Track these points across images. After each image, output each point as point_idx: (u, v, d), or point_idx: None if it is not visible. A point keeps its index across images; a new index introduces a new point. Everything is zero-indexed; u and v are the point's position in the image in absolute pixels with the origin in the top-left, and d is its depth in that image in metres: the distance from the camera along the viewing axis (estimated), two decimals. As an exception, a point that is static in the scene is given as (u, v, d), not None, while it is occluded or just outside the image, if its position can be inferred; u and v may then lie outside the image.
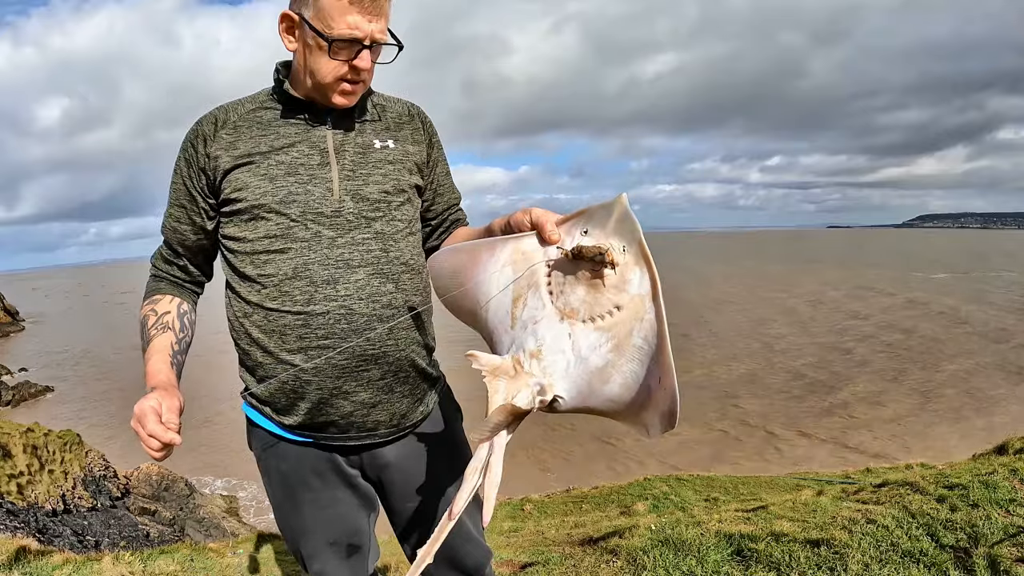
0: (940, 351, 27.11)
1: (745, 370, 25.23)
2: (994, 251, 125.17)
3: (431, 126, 1.22)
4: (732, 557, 2.27)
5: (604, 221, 0.83)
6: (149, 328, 1.08)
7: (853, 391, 21.79)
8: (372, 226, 1.07)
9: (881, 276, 64.95)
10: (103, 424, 22.39)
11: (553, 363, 0.86)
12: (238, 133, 1.06)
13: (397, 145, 1.13)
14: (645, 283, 0.80)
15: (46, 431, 9.99)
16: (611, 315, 0.83)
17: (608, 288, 0.83)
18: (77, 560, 2.68)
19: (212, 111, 1.10)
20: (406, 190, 1.12)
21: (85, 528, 8.39)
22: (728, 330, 34.38)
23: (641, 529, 2.67)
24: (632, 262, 0.81)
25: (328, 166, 1.06)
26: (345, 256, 1.04)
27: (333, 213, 1.04)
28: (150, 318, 1.09)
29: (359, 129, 1.11)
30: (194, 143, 1.07)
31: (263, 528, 12.10)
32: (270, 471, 1.16)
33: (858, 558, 2.09)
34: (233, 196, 1.04)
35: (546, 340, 0.87)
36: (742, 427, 18.84)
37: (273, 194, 1.03)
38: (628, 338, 0.81)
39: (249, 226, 1.05)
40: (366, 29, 0.97)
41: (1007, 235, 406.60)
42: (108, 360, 36.67)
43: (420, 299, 1.13)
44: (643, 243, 0.80)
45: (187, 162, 1.08)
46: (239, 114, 1.08)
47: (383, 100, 1.18)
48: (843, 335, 31.66)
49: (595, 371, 0.84)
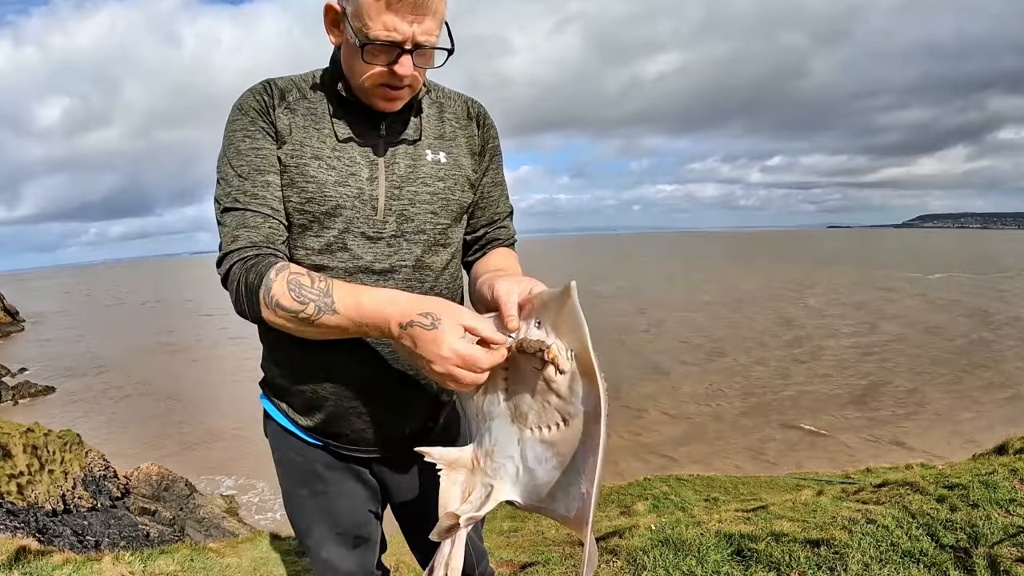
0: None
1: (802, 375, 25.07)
2: (994, 251, 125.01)
3: (490, 129, 1.12)
4: (732, 557, 2.27)
5: (552, 314, 0.74)
6: (312, 285, 0.85)
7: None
8: (413, 252, 1.01)
9: (894, 275, 64.97)
10: (103, 424, 22.39)
11: (503, 467, 0.82)
12: (293, 117, 0.97)
13: (450, 159, 1.05)
14: (590, 400, 0.70)
15: (46, 431, 9.99)
16: (557, 428, 0.75)
17: (554, 394, 0.74)
18: (77, 560, 2.68)
19: (263, 83, 0.99)
20: (454, 210, 1.05)
21: (85, 528, 8.40)
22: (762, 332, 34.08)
23: (641, 529, 2.67)
24: (579, 371, 0.71)
25: (376, 180, 0.98)
26: (380, 285, 0.98)
27: (375, 234, 0.98)
28: (301, 279, 0.86)
29: (414, 136, 1.02)
30: (263, 112, 0.96)
31: (263, 528, 12.10)
32: (283, 462, 1.17)
33: (858, 558, 2.09)
34: (286, 189, 0.96)
35: (498, 441, 0.82)
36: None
37: (320, 203, 0.95)
38: (572, 458, 0.73)
39: (293, 230, 0.98)
40: (406, 31, 0.86)
41: (1008, 235, 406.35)
42: (108, 360, 36.67)
43: None
44: (588, 350, 0.69)
45: (263, 132, 0.95)
46: (294, 96, 0.99)
47: (442, 96, 1.09)
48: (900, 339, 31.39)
49: (542, 485, 0.78)
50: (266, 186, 0.94)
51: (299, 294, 0.84)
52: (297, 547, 3.71)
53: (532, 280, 0.83)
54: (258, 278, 0.87)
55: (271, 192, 0.94)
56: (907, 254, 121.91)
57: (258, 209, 0.93)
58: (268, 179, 0.94)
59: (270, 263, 0.88)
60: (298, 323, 0.86)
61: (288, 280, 0.85)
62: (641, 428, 18.99)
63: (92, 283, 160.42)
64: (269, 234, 0.92)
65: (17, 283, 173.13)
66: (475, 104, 1.12)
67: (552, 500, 0.76)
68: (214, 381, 28.60)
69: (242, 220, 0.92)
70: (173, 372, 32.12)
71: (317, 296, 0.84)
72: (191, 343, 41.45)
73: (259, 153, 0.94)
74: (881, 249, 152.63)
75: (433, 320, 0.77)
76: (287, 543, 3.76)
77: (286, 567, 3.19)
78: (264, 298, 0.86)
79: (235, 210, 0.92)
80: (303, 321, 0.85)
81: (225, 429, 21.02)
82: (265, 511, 14.65)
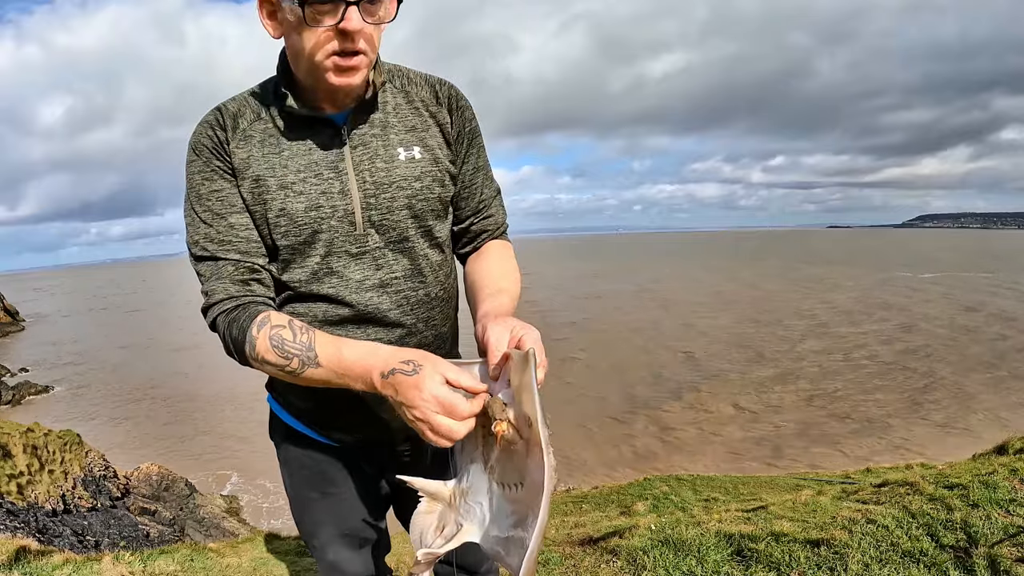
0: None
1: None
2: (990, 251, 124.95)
3: (464, 111, 1.03)
4: (732, 557, 2.27)
5: (516, 379, 0.73)
6: (294, 339, 0.84)
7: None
8: (400, 261, 0.98)
9: (917, 275, 64.83)
10: (103, 424, 22.39)
11: (473, 512, 0.83)
12: (249, 148, 0.93)
13: (426, 153, 0.98)
14: (539, 472, 0.69)
15: (46, 431, 9.99)
16: (516, 489, 0.76)
17: (516, 457, 0.75)
18: (77, 560, 2.67)
19: (213, 112, 0.95)
20: (436, 208, 1.00)
21: (85, 528, 8.39)
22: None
23: (641, 529, 2.67)
24: (531, 442, 0.71)
25: (348, 194, 0.93)
26: (375, 300, 0.97)
27: (359, 251, 0.95)
28: (283, 334, 0.85)
29: (382, 135, 0.96)
30: (215, 150, 0.92)
31: (263, 528, 12.10)
32: (289, 462, 1.16)
33: (858, 558, 2.09)
34: (260, 226, 0.94)
35: (473, 485, 0.84)
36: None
37: (296, 235, 0.92)
38: (524, 521, 0.74)
39: (272, 266, 0.96)
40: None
41: (1008, 235, 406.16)
42: (108, 360, 36.68)
43: (448, 327, 1.10)
44: (536, 424, 0.69)
45: (220, 172, 0.92)
46: (248, 119, 0.94)
47: (406, 83, 1.01)
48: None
49: (501, 537, 0.79)
50: (230, 229, 0.91)
51: (282, 350, 0.84)
52: (297, 547, 3.70)
53: (525, 327, 0.79)
54: (241, 334, 0.86)
55: (236, 234, 0.92)
56: (916, 253, 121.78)
57: (226, 256, 0.91)
58: (232, 221, 0.92)
59: (251, 315, 0.87)
60: (286, 375, 0.86)
61: (270, 336, 0.84)
62: (712, 427, 18.76)
63: (93, 283, 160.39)
64: (244, 279, 0.91)
65: (17, 283, 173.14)
66: (444, 85, 1.02)
67: (507, 553, 0.78)
68: (215, 381, 28.58)
69: (215, 270, 0.91)
70: (173, 372, 32.10)
71: (300, 351, 0.83)
72: (191, 343, 41.44)
73: (219, 196, 0.92)
74: (889, 248, 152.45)
75: (415, 367, 0.75)
76: (287, 543, 3.76)
77: (286, 567, 3.18)
78: (250, 354, 0.86)
79: (206, 259, 0.92)
80: (290, 373, 0.85)
81: (226, 429, 21.02)
82: (265, 511, 14.64)
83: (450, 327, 1.11)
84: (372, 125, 0.96)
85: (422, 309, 1.02)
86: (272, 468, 14.46)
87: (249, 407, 22.85)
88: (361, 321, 0.98)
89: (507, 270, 1.05)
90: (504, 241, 1.13)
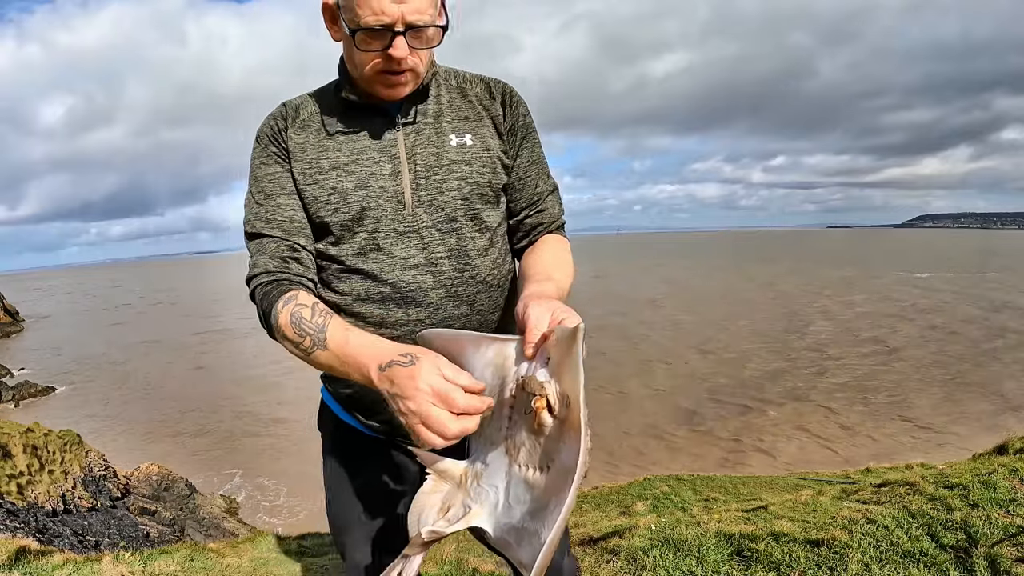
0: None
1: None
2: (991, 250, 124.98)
3: (517, 106, 1.07)
4: (732, 557, 2.27)
5: (558, 355, 0.70)
6: (311, 319, 0.88)
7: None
8: (447, 241, 1.00)
9: (935, 275, 64.72)
10: (103, 424, 22.39)
11: (485, 494, 0.79)
12: (306, 135, 1.01)
13: (476, 140, 1.02)
14: (571, 455, 0.65)
15: (46, 431, 9.99)
16: (541, 472, 0.71)
17: (544, 438, 0.71)
18: (77, 560, 2.67)
19: (279, 106, 1.04)
20: (486, 193, 1.03)
21: (85, 528, 8.40)
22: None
23: (641, 529, 2.67)
24: (568, 422, 0.67)
25: (399, 175, 0.98)
26: (418, 279, 0.99)
27: (407, 229, 0.98)
28: (303, 312, 0.88)
29: (434, 123, 1.01)
30: (274, 138, 1.01)
31: (263, 528, 12.10)
32: (333, 453, 1.17)
33: (858, 558, 2.09)
34: (311, 205, 0.99)
35: (489, 467, 0.80)
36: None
37: (345, 211, 0.97)
38: (544, 507, 0.69)
39: (322, 243, 1.01)
40: (394, 13, 0.85)
41: (1009, 235, 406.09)
42: (108, 360, 36.70)
43: (498, 316, 1.09)
44: (579, 403, 0.65)
45: (275, 157, 1.00)
46: (308, 111, 1.02)
47: (461, 80, 1.07)
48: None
49: (514, 525, 0.74)
50: (277, 209, 0.99)
51: (299, 328, 0.87)
52: (297, 547, 3.70)
53: (568, 310, 0.78)
54: (269, 307, 0.91)
55: (282, 214, 0.99)
56: (926, 252, 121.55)
57: (271, 233, 0.98)
58: (279, 202, 0.99)
59: (281, 292, 0.92)
60: (300, 353, 0.89)
61: (291, 313, 0.88)
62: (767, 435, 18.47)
63: (93, 283, 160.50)
64: (283, 257, 0.97)
65: (17, 283, 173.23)
66: (498, 83, 1.08)
67: (519, 544, 0.73)
68: (215, 381, 28.60)
69: (260, 247, 0.98)
70: (173, 372, 32.13)
71: (313, 331, 0.86)
72: (191, 343, 41.47)
73: (271, 178, 1.00)
74: (895, 248, 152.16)
75: (412, 358, 0.75)
76: (287, 543, 3.76)
77: (286, 567, 3.18)
78: (274, 327, 0.91)
79: (255, 236, 0.99)
80: (303, 352, 0.88)
81: (226, 429, 21.01)
82: (265, 511, 14.65)
83: (500, 316, 1.09)
84: (425, 114, 1.01)
85: (466, 291, 1.02)
86: (273, 467, 14.49)
87: (249, 407, 22.91)
88: (403, 300, 0.99)
89: (560, 262, 1.03)
90: (560, 236, 1.12)
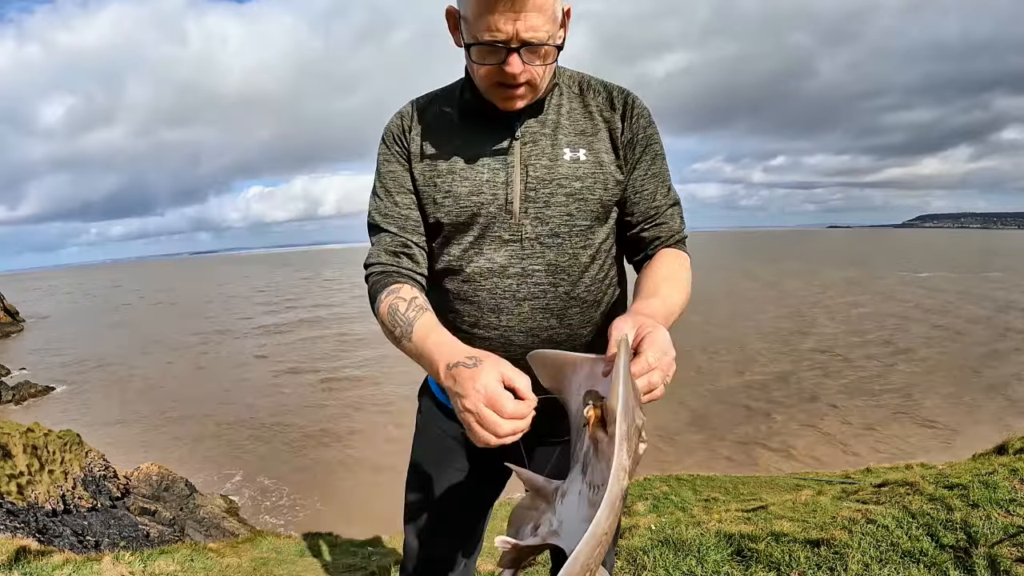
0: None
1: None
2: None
3: (638, 119, 1.05)
4: (732, 557, 2.27)
5: (611, 368, 0.67)
6: (404, 312, 0.94)
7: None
8: (545, 255, 1.01)
9: (937, 275, 64.70)
10: (103, 424, 22.38)
11: (566, 515, 0.73)
12: (430, 135, 1.04)
13: (590, 155, 1.02)
14: (608, 472, 0.60)
15: (46, 431, 9.99)
16: (598, 491, 0.65)
17: (601, 454, 0.66)
18: (77, 560, 2.67)
19: (406, 105, 1.08)
20: (595, 210, 1.02)
21: (85, 528, 8.39)
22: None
23: (641, 529, 2.67)
24: (612, 438, 0.62)
25: (511, 184, 0.99)
26: (512, 288, 1.01)
27: (511, 238, 1.00)
28: (400, 304, 0.95)
29: (551, 135, 1.01)
30: (398, 137, 1.06)
31: (263, 528, 12.10)
32: (425, 431, 1.21)
33: (858, 558, 2.09)
34: (427, 205, 1.04)
35: (570, 487, 0.74)
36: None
37: (457, 215, 1.01)
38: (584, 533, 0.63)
39: (435, 242, 1.06)
40: (508, 30, 0.84)
41: (1009, 235, 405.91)
42: (108, 360, 36.67)
43: (589, 331, 1.08)
44: (615, 415, 0.61)
45: (397, 156, 1.06)
46: (434, 112, 1.06)
47: (585, 88, 1.06)
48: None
49: (572, 550, 0.65)
50: (394, 206, 1.05)
51: (393, 318, 0.95)
52: (297, 547, 3.71)
53: (655, 325, 0.76)
54: (375, 296, 1.00)
55: (399, 211, 1.05)
56: (927, 252, 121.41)
57: (387, 228, 1.05)
58: (397, 199, 1.05)
59: (387, 283, 1.00)
60: (393, 341, 0.96)
61: (390, 304, 0.96)
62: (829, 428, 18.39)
63: (93, 283, 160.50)
64: (396, 251, 1.04)
65: (17, 283, 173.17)
66: (621, 93, 1.06)
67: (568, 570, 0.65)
68: (214, 381, 28.60)
69: (377, 239, 1.07)
70: (174, 372, 32.12)
71: (404, 323, 0.93)
72: (191, 343, 41.47)
73: (393, 176, 1.06)
74: (896, 248, 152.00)
75: (476, 361, 0.80)
76: (287, 543, 3.76)
77: (286, 567, 3.19)
78: (376, 314, 0.99)
79: (374, 228, 1.08)
80: (395, 340, 0.95)
81: (226, 429, 21.01)
82: (265, 511, 14.65)
83: (592, 332, 1.08)
84: (544, 125, 1.02)
85: (557, 305, 1.03)
86: (272, 467, 14.46)
87: (249, 407, 22.94)
88: (496, 307, 1.02)
89: (673, 277, 0.99)
90: (679, 251, 1.08)
